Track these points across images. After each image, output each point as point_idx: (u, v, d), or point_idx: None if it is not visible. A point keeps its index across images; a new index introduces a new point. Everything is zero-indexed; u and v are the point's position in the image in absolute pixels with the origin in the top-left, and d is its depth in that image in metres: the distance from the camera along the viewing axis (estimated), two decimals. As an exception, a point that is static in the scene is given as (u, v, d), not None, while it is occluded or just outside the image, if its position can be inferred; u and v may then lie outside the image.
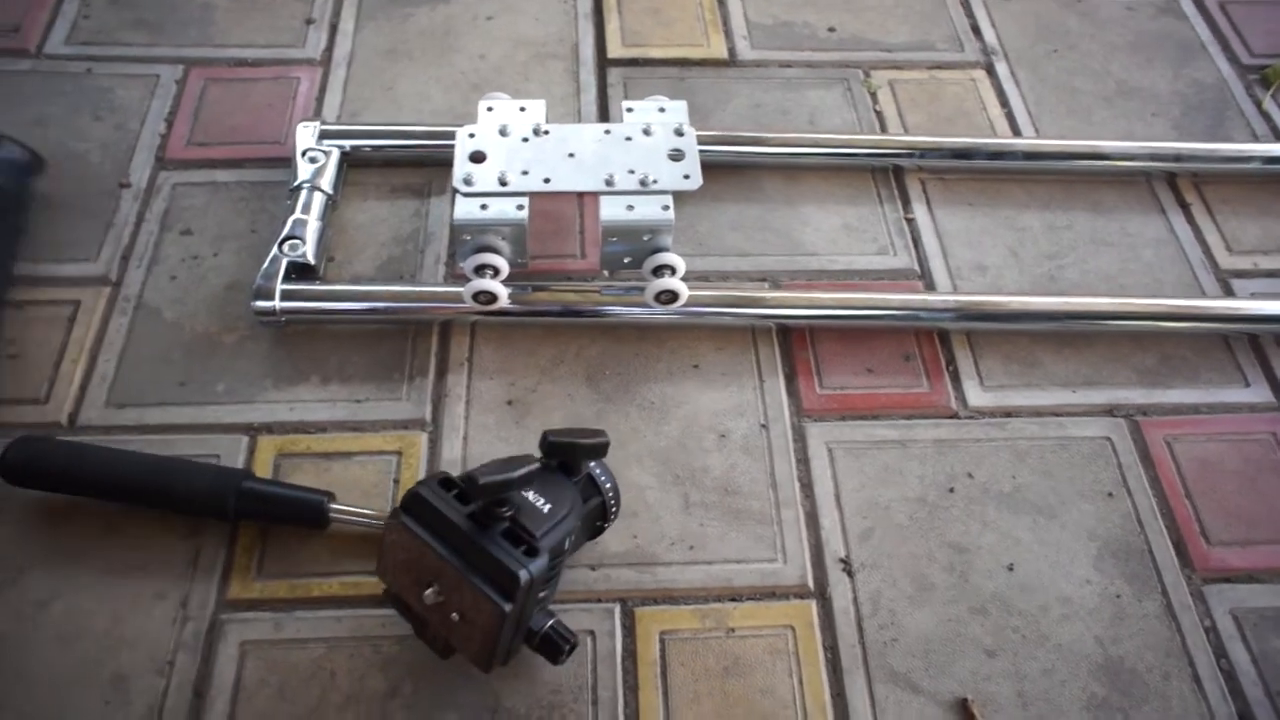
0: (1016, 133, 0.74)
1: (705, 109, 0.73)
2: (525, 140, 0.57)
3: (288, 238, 0.60)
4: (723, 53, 0.77)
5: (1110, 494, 0.57)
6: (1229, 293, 0.66)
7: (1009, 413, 0.59)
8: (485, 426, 0.57)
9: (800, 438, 0.57)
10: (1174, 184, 0.71)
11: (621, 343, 0.60)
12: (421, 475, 0.54)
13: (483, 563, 0.42)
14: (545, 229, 0.65)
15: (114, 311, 0.60)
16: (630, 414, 0.57)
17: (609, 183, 0.55)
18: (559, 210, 0.66)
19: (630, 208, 0.54)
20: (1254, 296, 0.65)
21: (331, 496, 0.51)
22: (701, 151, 0.66)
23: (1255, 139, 0.74)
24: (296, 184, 0.63)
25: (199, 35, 0.75)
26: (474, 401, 0.58)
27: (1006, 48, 0.79)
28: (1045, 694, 0.50)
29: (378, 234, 0.65)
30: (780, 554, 0.53)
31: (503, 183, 0.54)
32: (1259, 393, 0.61)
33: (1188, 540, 0.55)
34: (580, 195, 0.59)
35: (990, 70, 0.78)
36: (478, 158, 0.56)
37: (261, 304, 0.58)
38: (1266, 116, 0.75)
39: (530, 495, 0.45)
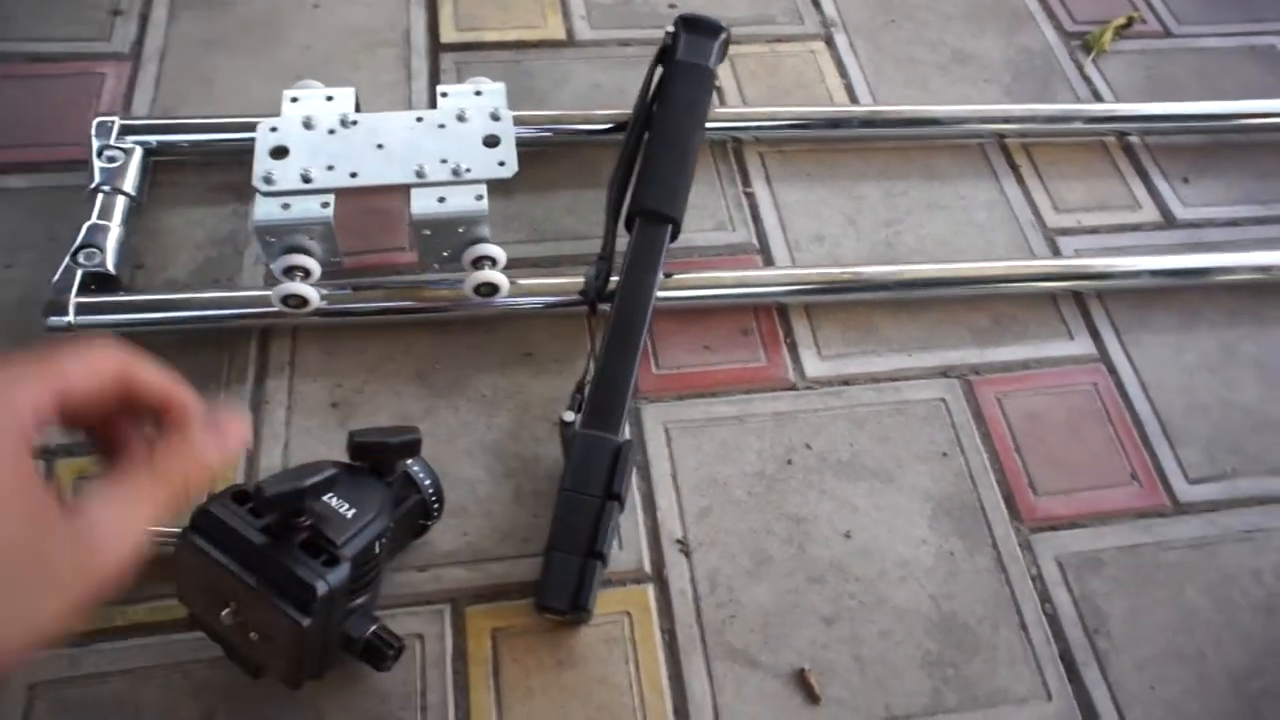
0: (855, 103, 0.74)
1: (542, 91, 0.71)
2: (331, 132, 0.54)
3: (82, 246, 0.56)
4: (561, 33, 0.75)
5: (945, 454, 0.58)
6: (1055, 250, 0.68)
7: (846, 381, 0.60)
8: (308, 431, 0.54)
9: (635, 420, 0.56)
10: (1005, 148, 0.73)
11: (451, 335, 0.58)
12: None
13: (278, 577, 0.39)
14: (367, 224, 0.62)
15: (-112, 336, 0.55)
16: (461, 408, 0.56)
17: (419, 174, 0.53)
18: (382, 203, 0.63)
19: (442, 199, 0.52)
20: (1077, 253, 0.68)
21: None
22: (534, 134, 0.65)
23: (1079, 102, 0.76)
24: (94, 186, 0.59)
25: (-12, 30, 0.69)
26: (296, 406, 0.55)
27: (845, 19, 0.80)
28: (881, 656, 0.50)
29: (193, 236, 0.61)
30: (613, 539, 0.52)
31: (306, 179, 0.52)
32: (1082, 344, 0.63)
33: (1016, 493, 0.57)
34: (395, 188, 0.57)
35: (830, 42, 0.78)
36: (279, 153, 0.53)
37: (55, 320, 0.54)
38: (1088, 80, 0.78)
39: (333, 501, 0.43)
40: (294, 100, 0.57)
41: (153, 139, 0.62)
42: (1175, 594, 0.53)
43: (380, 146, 0.54)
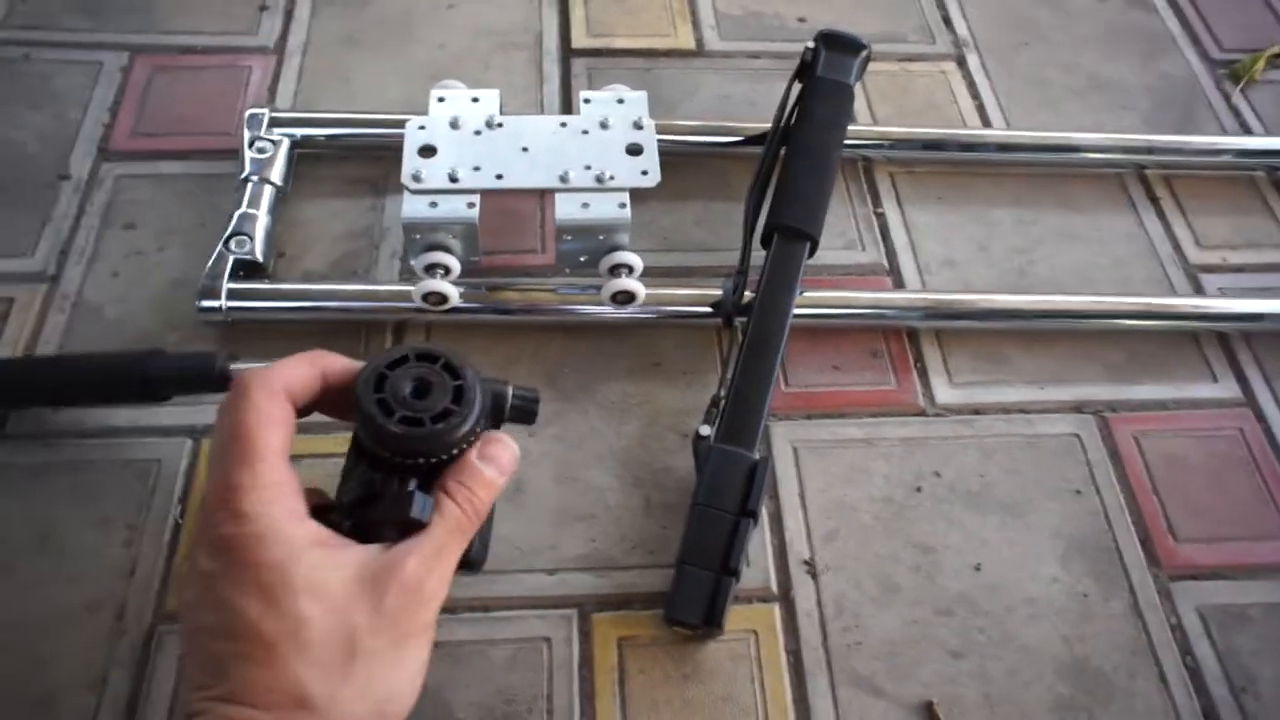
0: (987, 125, 0.73)
1: (671, 100, 0.72)
2: (478, 133, 0.55)
3: (234, 234, 0.58)
4: (690, 43, 0.75)
5: (1078, 491, 0.56)
6: (1198, 287, 0.65)
7: (977, 410, 0.58)
8: (440, 428, 0.55)
9: (765, 437, 0.56)
10: (1144, 179, 0.70)
11: (581, 340, 0.59)
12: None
13: None
14: (502, 224, 0.63)
15: (51, 309, 0.58)
16: (590, 413, 0.56)
17: (563, 179, 0.53)
18: (517, 205, 0.64)
19: (585, 205, 0.53)
20: (1222, 292, 0.65)
21: (233, 356, 0.49)
22: (666, 144, 0.65)
23: (1224, 133, 0.73)
24: (244, 176, 0.61)
25: (144, 21, 0.72)
26: (429, 402, 0.56)
27: (978, 40, 0.78)
28: (1010, 695, 0.49)
29: (331, 229, 0.63)
30: (744, 557, 0.51)
31: (453, 179, 0.53)
32: (1226, 388, 0.61)
33: (1155, 537, 0.54)
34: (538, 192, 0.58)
35: (961, 62, 0.77)
36: (428, 152, 0.54)
37: (207, 303, 0.55)
38: (1235, 111, 0.75)
39: None
40: (440, 100, 0.58)
41: (298, 132, 0.64)
42: (1333, 659, 0.50)
43: (525, 150, 0.55)
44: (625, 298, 0.55)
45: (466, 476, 0.36)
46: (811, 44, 0.63)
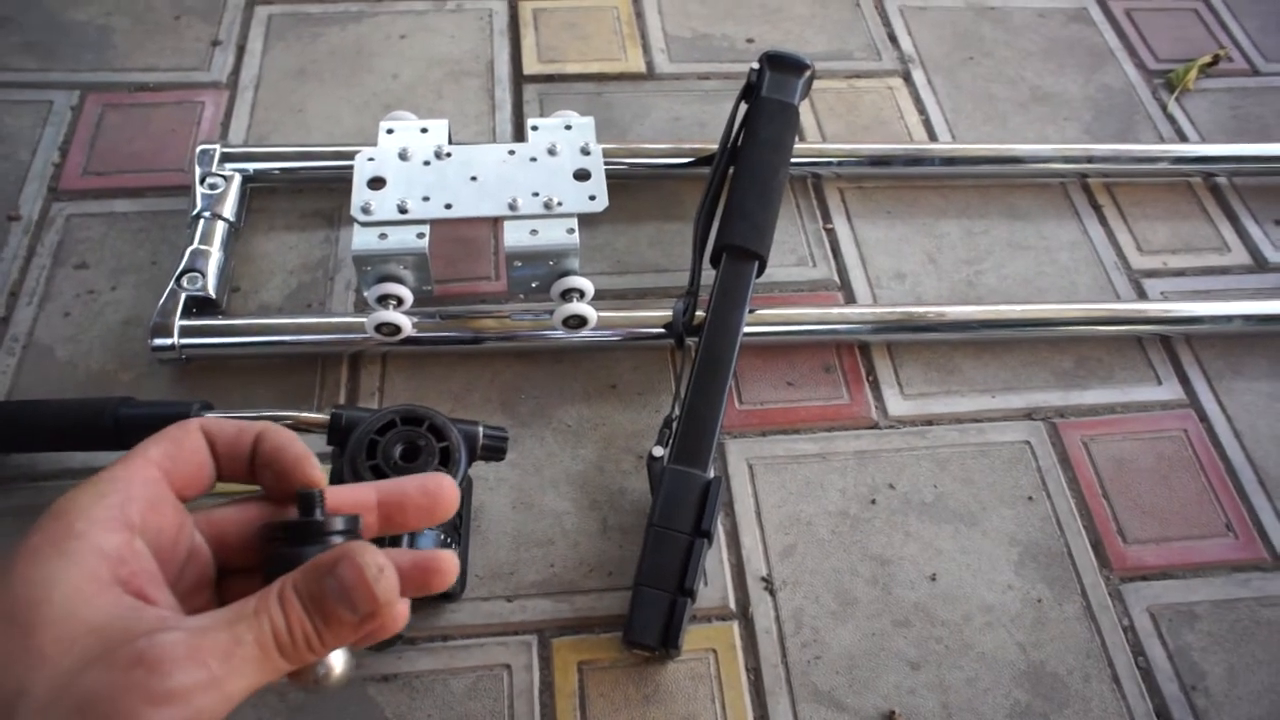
0: (934, 139, 0.74)
1: (623, 123, 0.72)
2: (426, 164, 0.56)
3: (186, 270, 0.58)
4: (641, 66, 0.76)
5: (1030, 498, 0.57)
6: (1141, 292, 0.67)
7: (929, 421, 0.59)
8: (397, 458, 0.55)
9: (720, 455, 0.56)
10: (1087, 187, 0.72)
11: (536, 366, 0.59)
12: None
13: None
14: (455, 252, 0.63)
15: (0, 351, 0.57)
16: (546, 438, 0.56)
17: (512, 206, 0.54)
18: (470, 232, 0.64)
19: (534, 232, 0.53)
20: (1164, 295, 0.66)
21: (208, 405, 0.49)
22: (619, 167, 0.66)
23: (1162, 141, 0.75)
24: (196, 212, 0.61)
25: (96, 60, 0.72)
26: (385, 432, 0.56)
27: (923, 56, 0.80)
28: (969, 703, 0.50)
29: (285, 262, 0.63)
30: (701, 576, 0.52)
31: (402, 210, 0.53)
32: (1170, 390, 0.62)
33: (1105, 540, 0.56)
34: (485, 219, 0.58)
35: (907, 78, 0.78)
36: (377, 184, 0.54)
37: (160, 341, 0.55)
38: (1171, 119, 0.77)
39: None
40: (389, 131, 0.58)
41: (250, 166, 0.64)
42: (1279, 653, 0.52)
43: (474, 179, 0.56)
44: (577, 322, 0.55)
45: (333, 587, 0.25)
46: (755, 65, 0.64)
